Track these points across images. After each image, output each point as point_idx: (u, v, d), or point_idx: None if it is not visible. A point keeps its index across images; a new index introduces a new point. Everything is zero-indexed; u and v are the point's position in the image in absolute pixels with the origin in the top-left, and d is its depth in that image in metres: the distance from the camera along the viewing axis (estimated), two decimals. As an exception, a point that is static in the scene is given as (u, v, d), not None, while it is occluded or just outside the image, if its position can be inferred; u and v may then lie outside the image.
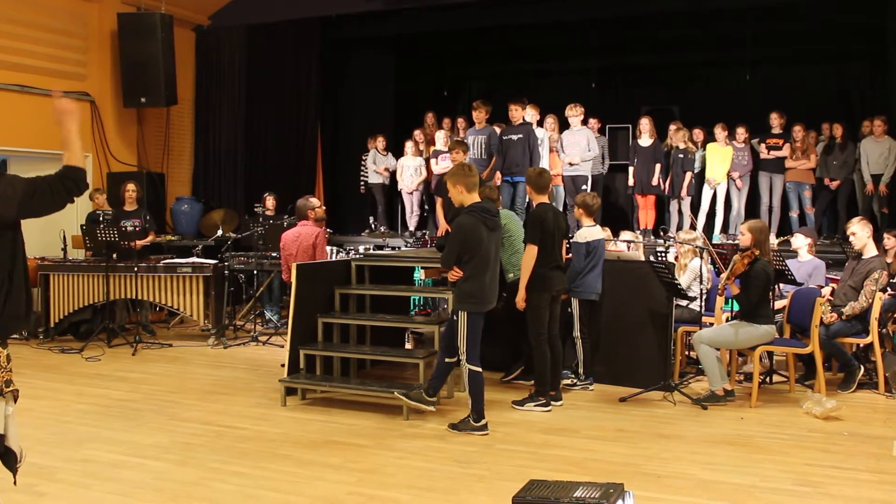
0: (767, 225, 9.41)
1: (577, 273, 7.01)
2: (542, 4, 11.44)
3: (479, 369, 5.84)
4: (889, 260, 7.81)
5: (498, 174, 8.91)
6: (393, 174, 12.61)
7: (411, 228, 12.12)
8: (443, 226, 8.22)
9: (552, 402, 6.53)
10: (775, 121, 10.89)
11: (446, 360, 5.99)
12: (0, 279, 3.55)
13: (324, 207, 8.62)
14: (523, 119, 9.04)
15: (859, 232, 7.29)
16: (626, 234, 9.46)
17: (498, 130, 9.35)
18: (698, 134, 11.14)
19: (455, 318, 5.87)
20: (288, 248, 8.01)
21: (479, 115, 9.03)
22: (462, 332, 5.80)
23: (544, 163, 9.42)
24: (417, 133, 12.32)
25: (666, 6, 11.26)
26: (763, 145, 10.84)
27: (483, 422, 5.86)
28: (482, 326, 5.90)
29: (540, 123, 10.52)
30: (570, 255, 7.23)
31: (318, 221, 8.33)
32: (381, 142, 12.53)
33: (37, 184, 3.55)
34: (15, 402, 3.64)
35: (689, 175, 10.73)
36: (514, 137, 8.86)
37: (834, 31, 12.05)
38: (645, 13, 11.66)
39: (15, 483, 3.66)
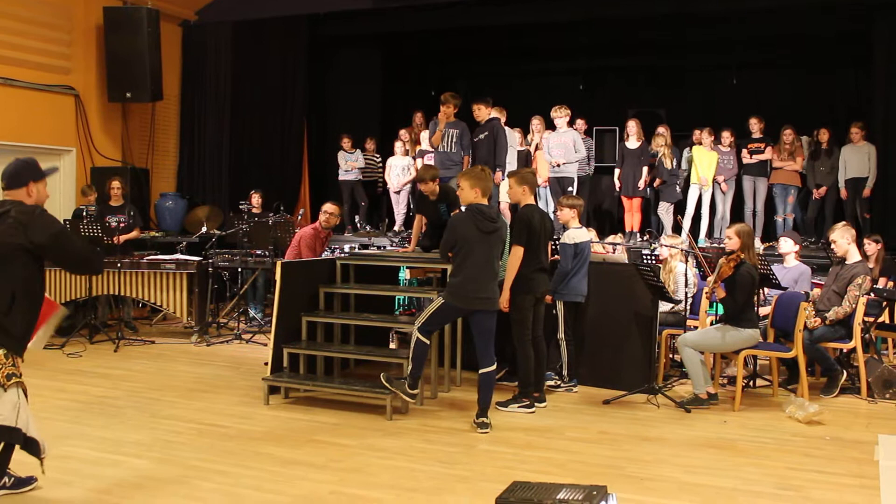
0: (752, 229, 9.44)
1: (565, 274, 7.01)
2: (530, 5, 11.44)
3: (428, 342, 6.07)
4: (871, 265, 7.85)
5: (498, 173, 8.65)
6: (372, 170, 12.78)
7: (397, 228, 12.11)
8: (414, 243, 8.18)
9: (536, 404, 6.53)
10: (755, 125, 10.94)
11: (420, 338, 6.03)
12: (3, 293, 3.97)
13: (330, 215, 8.50)
14: (490, 115, 8.61)
15: (839, 239, 7.33)
16: (608, 237, 9.45)
17: None
18: (697, 135, 11.11)
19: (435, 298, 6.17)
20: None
21: (448, 110, 8.45)
22: (431, 307, 6.03)
23: (512, 161, 9.24)
24: (403, 132, 12.33)
25: (655, 9, 11.29)
26: (745, 150, 10.88)
27: (415, 391, 6.11)
28: (451, 318, 6.44)
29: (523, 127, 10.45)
30: (556, 256, 7.24)
31: (323, 226, 8.47)
32: (346, 141, 12.59)
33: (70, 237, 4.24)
34: (25, 394, 4.07)
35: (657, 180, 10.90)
36: (482, 136, 8.52)
37: (820, 37, 12.13)
38: (634, 16, 11.70)
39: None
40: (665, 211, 10.91)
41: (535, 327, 6.56)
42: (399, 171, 12.04)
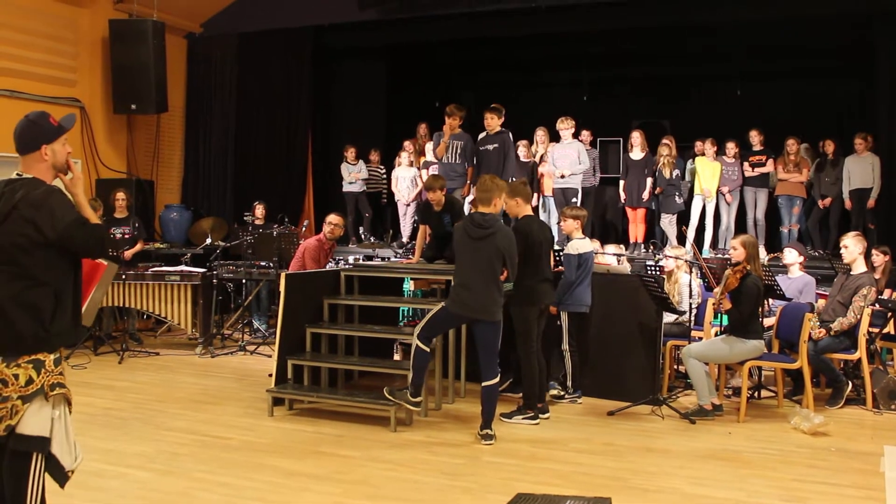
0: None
1: (569, 285, 7.00)
2: (535, 16, 11.45)
3: (427, 349, 6.05)
4: (877, 276, 7.83)
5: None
6: (376, 182, 12.83)
7: (404, 238, 12.12)
8: (418, 254, 8.22)
9: (540, 415, 6.52)
10: (755, 138, 10.94)
11: (419, 345, 6.02)
12: (44, 295, 3.56)
13: (334, 227, 8.56)
14: (500, 127, 8.51)
15: (851, 246, 7.30)
16: (610, 247, 9.44)
17: None
18: (699, 147, 11.10)
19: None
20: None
21: (453, 122, 8.45)
22: (430, 313, 6.08)
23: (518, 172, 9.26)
24: (408, 144, 12.32)
25: (659, 20, 11.31)
26: (746, 163, 10.87)
27: (418, 399, 6.08)
28: (449, 324, 6.39)
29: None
30: (560, 267, 7.23)
31: (327, 237, 8.53)
32: (351, 152, 12.60)
33: (84, 220, 3.61)
34: (69, 405, 3.75)
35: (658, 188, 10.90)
36: (491, 147, 8.44)
37: (824, 48, 12.13)
38: (638, 27, 11.71)
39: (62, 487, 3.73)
40: (668, 223, 10.91)
41: (536, 338, 6.55)
42: (408, 182, 12.01)
